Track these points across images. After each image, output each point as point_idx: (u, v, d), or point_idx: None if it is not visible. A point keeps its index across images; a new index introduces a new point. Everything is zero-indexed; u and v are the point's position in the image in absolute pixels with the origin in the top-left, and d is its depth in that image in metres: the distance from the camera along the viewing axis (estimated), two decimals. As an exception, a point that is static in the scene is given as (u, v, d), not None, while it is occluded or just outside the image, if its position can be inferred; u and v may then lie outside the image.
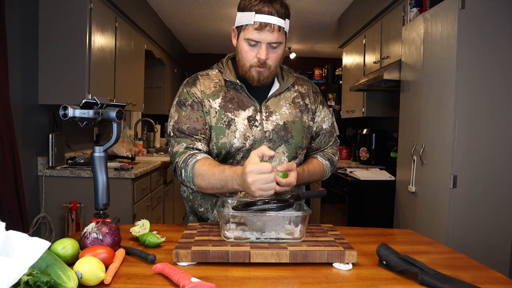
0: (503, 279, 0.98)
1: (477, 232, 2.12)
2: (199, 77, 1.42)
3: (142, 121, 5.11)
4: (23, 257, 0.71)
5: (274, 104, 1.41)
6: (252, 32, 1.28)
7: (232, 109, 1.37)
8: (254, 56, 1.31)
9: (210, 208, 1.41)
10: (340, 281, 0.93)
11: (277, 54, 1.32)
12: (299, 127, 1.41)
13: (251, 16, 1.27)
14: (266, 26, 1.26)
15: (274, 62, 1.33)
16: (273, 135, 1.37)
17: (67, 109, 1.10)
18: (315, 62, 6.18)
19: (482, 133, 2.11)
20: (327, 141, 1.54)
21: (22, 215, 2.44)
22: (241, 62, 1.35)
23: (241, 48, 1.33)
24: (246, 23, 1.28)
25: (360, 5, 3.94)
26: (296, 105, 1.44)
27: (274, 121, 1.38)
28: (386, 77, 2.83)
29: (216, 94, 1.38)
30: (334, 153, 1.57)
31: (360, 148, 3.97)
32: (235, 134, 1.34)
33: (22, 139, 2.69)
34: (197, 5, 4.36)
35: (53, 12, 2.81)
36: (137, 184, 3.07)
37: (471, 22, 2.08)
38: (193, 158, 1.29)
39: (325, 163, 1.50)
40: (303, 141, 1.42)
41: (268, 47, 1.30)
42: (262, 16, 1.26)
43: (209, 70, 1.46)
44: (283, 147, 1.38)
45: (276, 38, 1.28)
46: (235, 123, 1.35)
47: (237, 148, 1.35)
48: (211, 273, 0.95)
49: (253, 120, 1.37)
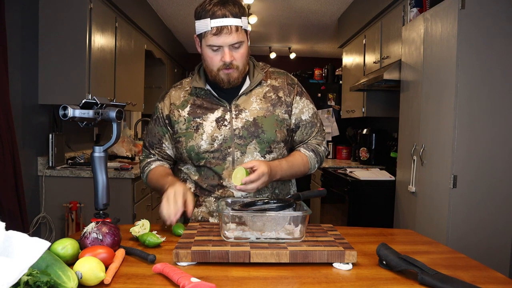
0: (503, 279, 0.98)
1: (477, 232, 2.12)
2: (171, 90, 1.51)
3: (142, 121, 5.11)
4: (23, 257, 0.71)
5: (244, 101, 1.42)
6: (211, 38, 1.30)
7: (200, 114, 1.41)
8: (219, 60, 1.33)
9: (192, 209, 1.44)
10: (340, 281, 0.93)
11: (241, 53, 1.34)
12: (271, 121, 1.41)
13: (207, 22, 1.29)
14: (223, 29, 1.28)
15: (240, 61, 1.35)
16: (243, 132, 1.38)
17: (67, 109, 1.10)
18: (315, 62, 6.18)
19: (482, 133, 2.11)
20: (309, 132, 1.50)
21: (22, 215, 2.44)
22: (208, 68, 1.38)
23: (205, 55, 1.35)
24: (204, 30, 1.31)
25: (360, 5, 3.94)
26: (268, 100, 1.43)
27: (244, 118, 1.39)
28: (386, 77, 2.83)
29: (184, 104, 1.44)
30: (319, 143, 1.51)
31: (360, 148, 3.97)
32: (202, 136, 1.38)
33: (22, 139, 2.69)
34: (197, 5, 4.34)
35: (53, 12, 2.81)
36: (137, 184, 3.07)
37: (471, 22, 2.08)
38: (148, 167, 1.51)
39: (308, 154, 1.47)
40: (276, 135, 1.41)
41: (230, 49, 1.32)
42: (217, 20, 1.28)
43: (184, 79, 1.53)
44: (254, 143, 1.39)
45: (236, 38, 1.30)
46: (203, 126, 1.39)
47: (205, 149, 1.38)
48: (211, 273, 0.95)
49: (222, 120, 1.39)
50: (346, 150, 4.54)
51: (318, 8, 4.39)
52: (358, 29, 3.98)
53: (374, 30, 3.63)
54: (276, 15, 4.66)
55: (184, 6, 4.41)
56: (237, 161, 1.38)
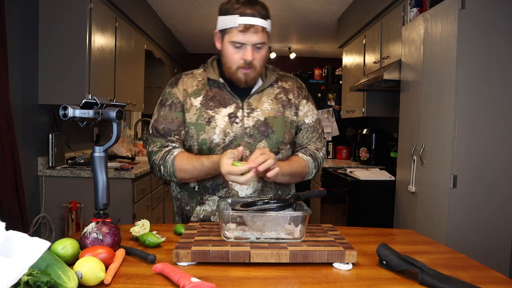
0: (503, 279, 0.98)
1: (477, 232, 2.12)
2: (183, 76, 1.47)
3: (142, 121, 5.11)
4: (23, 257, 0.71)
5: (256, 100, 1.43)
6: (237, 35, 1.31)
7: (213, 106, 1.40)
8: (240, 58, 1.34)
9: (195, 206, 1.45)
10: (340, 281, 0.93)
11: (261, 54, 1.36)
12: (280, 122, 1.43)
13: (235, 19, 1.30)
14: (251, 28, 1.30)
15: (259, 62, 1.36)
16: (253, 131, 1.39)
17: (67, 109, 1.10)
18: (315, 62, 6.18)
19: (482, 133, 2.11)
20: (310, 137, 1.51)
21: (22, 215, 2.44)
22: (227, 65, 1.38)
23: (226, 51, 1.36)
24: (230, 26, 1.31)
25: (360, 5, 3.94)
26: (279, 101, 1.45)
27: (255, 117, 1.40)
28: (386, 77, 2.83)
29: (197, 93, 1.42)
30: (318, 148, 1.52)
31: (360, 148, 3.97)
32: (214, 130, 1.37)
33: (22, 139, 2.69)
34: (197, 5, 4.36)
35: (53, 12, 2.81)
36: (137, 184, 3.07)
37: (471, 22, 2.08)
38: (170, 155, 1.38)
39: (306, 158, 1.48)
40: (285, 136, 1.43)
41: (253, 48, 1.33)
42: (246, 18, 1.29)
43: (195, 69, 1.50)
44: (263, 142, 1.40)
45: (260, 38, 1.32)
46: (215, 120, 1.38)
47: (217, 144, 1.38)
48: (211, 273, 0.95)
49: (234, 116, 1.39)
50: (346, 150, 4.54)
51: (318, 8, 4.39)
52: (358, 29, 3.98)
53: (374, 30, 3.63)
54: (276, 15, 4.65)
55: (184, 6, 4.41)
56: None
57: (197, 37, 5.80)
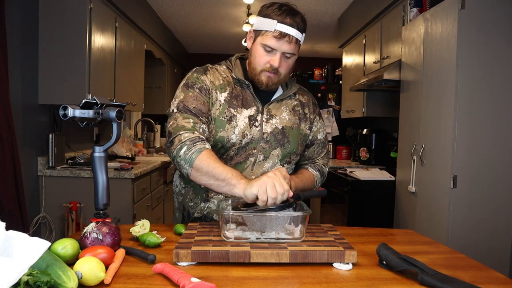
0: (503, 279, 0.98)
1: (477, 232, 2.12)
2: (209, 68, 1.44)
3: (142, 121, 5.11)
4: (23, 257, 0.71)
5: (275, 108, 1.44)
6: (270, 39, 1.32)
7: (236, 105, 1.39)
8: (267, 62, 1.35)
9: (200, 202, 1.44)
10: (340, 281, 0.93)
11: (288, 63, 1.37)
12: (296, 134, 1.45)
13: (273, 24, 1.31)
14: (285, 36, 1.31)
15: (285, 70, 1.38)
16: (270, 137, 1.40)
17: (67, 109, 1.10)
18: (315, 62, 6.17)
19: (482, 133, 2.11)
20: (320, 152, 1.57)
21: (22, 215, 2.44)
22: (252, 65, 1.39)
23: (255, 52, 1.36)
24: (266, 29, 1.32)
25: (360, 5, 3.94)
26: (296, 113, 1.48)
27: (274, 124, 1.41)
28: (386, 77, 2.83)
29: (223, 88, 1.40)
30: (324, 164, 1.59)
31: (360, 148, 3.97)
32: (234, 130, 1.37)
33: (22, 139, 2.69)
34: (197, 5, 4.36)
35: (53, 12, 2.81)
36: (137, 184, 3.07)
37: (471, 22, 2.08)
38: (202, 143, 1.26)
39: (315, 173, 1.53)
40: (298, 147, 1.46)
41: (282, 56, 1.34)
42: (284, 26, 1.30)
43: (217, 65, 1.48)
44: (278, 150, 1.41)
45: (292, 49, 1.33)
46: (236, 119, 1.37)
47: (233, 143, 1.37)
48: (211, 273, 0.95)
49: (254, 120, 1.39)
50: (346, 150, 4.54)
51: (318, 8, 4.39)
52: (358, 29, 3.98)
53: (374, 30, 3.63)
54: (276, 15, 4.65)
55: (184, 6, 4.41)
56: (258, 164, 1.39)
57: (197, 37, 5.80)
